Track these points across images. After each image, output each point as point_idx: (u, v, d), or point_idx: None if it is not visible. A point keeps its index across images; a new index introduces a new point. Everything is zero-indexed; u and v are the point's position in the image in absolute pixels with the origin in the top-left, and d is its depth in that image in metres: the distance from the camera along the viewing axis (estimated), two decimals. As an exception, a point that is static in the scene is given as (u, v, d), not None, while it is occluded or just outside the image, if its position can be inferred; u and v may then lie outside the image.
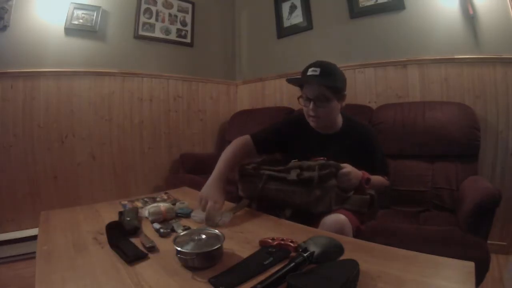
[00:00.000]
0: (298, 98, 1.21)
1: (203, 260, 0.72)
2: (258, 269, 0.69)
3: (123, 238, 0.87)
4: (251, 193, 1.19)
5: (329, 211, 1.03)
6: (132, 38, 2.56)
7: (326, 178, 1.04)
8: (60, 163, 2.21)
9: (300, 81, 1.20)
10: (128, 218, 1.00)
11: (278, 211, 1.12)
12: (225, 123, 3.09)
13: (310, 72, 1.12)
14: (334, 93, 1.12)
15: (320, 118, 1.16)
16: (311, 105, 1.13)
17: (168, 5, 2.74)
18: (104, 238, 0.88)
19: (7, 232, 1.94)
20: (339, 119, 1.24)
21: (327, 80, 1.11)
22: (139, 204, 1.26)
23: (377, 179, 1.19)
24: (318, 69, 1.11)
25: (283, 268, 0.64)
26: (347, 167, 1.07)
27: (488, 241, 1.19)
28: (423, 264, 0.70)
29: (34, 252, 0.85)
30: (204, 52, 3.03)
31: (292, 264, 0.65)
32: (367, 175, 1.11)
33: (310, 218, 1.08)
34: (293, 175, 1.07)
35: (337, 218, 1.00)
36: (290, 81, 1.21)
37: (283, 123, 1.40)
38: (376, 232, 1.24)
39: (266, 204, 1.17)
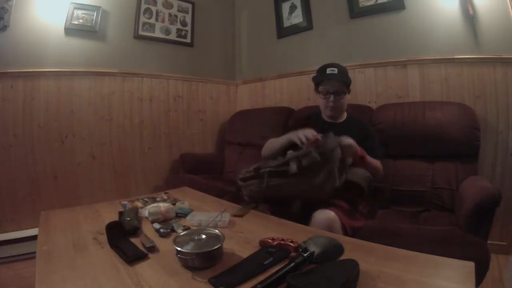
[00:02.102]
0: (316, 93, 1.49)
1: (203, 260, 0.72)
2: (258, 269, 0.69)
3: (123, 238, 0.88)
4: (256, 194, 1.19)
5: (335, 186, 1.07)
6: (132, 38, 2.56)
7: (329, 154, 1.08)
8: (60, 163, 2.21)
9: (323, 78, 1.43)
10: (128, 218, 1.00)
11: (287, 206, 1.13)
12: (225, 123, 3.09)
13: (329, 71, 1.42)
14: (347, 88, 1.44)
15: (337, 108, 1.44)
16: (332, 98, 1.41)
17: (168, 5, 2.74)
18: (104, 238, 0.89)
19: (7, 232, 1.93)
20: (345, 112, 1.52)
21: (343, 78, 1.42)
22: (139, 204, 1.26)
23: (372, 159, 1.35)
24: (335, 69, 1.42)
25: (283, 268, 0.64)
26: (348, 138, 1.18)
27: (488, 241, 1.19)
28: (423, 264, 0.70)
29: (34, 252, 0.85)
30: (204, 52, 3.03)
31: (292, 264, 0.65)
32: (362, 150, 1.27)
33: (319, 206, 1.11)
34: (293, 168, 1.09)
35: (326, 215, 1.05)
36: (315, 78, 1.47)
37: (297, 121, 1.66)
38: (376, 232, 1.24)
39: (273, 203, 1.18)
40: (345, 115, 1.52)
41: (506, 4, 1.71)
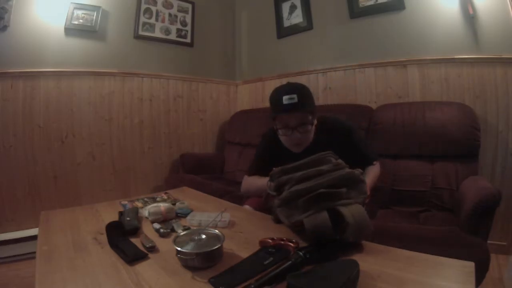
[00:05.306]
0: (276, 130, 1.16)
1: (203, 260, 0.72)
2: (258, 269, 0.69)
3: (123, 238, 0.88)
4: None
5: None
6: (132, 38, 2.56)
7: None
8: (60, 163, 2.21)
9: (281, 110, 1.10)
10: (128, 218, 1.00)
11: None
12: (225, 123, 3.09)
13: (286, 100, 1.07)
14: (313, 114, 1.13)
15: (304, 142, 1.14)
16: (295, 134, 1.11)
17: (168, 5, 2.74)
18: (104, 238, 0.88)
19: (7, 232, 1.94)
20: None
21: (306, 105, 1.09)
22: (139, 204, 1.26)
23: (371, 177, 1.16)
24: (294, 96, 1.06)
25: (278, 267, 0.64)
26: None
27: (488, 241, 1.19)
28: (423, 264, 0.70)
29: (34, 252, 0.85)
30: (204, 52, 3.03)
31: (288, 263, 0.65)
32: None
33: None
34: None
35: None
36: (271, 110, 1.16)
37: (263, 148, 1.34)
38: (376, 232, 1.23)
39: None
40: (312, 131, 1.16)
41: (506, 4, 1.71)
